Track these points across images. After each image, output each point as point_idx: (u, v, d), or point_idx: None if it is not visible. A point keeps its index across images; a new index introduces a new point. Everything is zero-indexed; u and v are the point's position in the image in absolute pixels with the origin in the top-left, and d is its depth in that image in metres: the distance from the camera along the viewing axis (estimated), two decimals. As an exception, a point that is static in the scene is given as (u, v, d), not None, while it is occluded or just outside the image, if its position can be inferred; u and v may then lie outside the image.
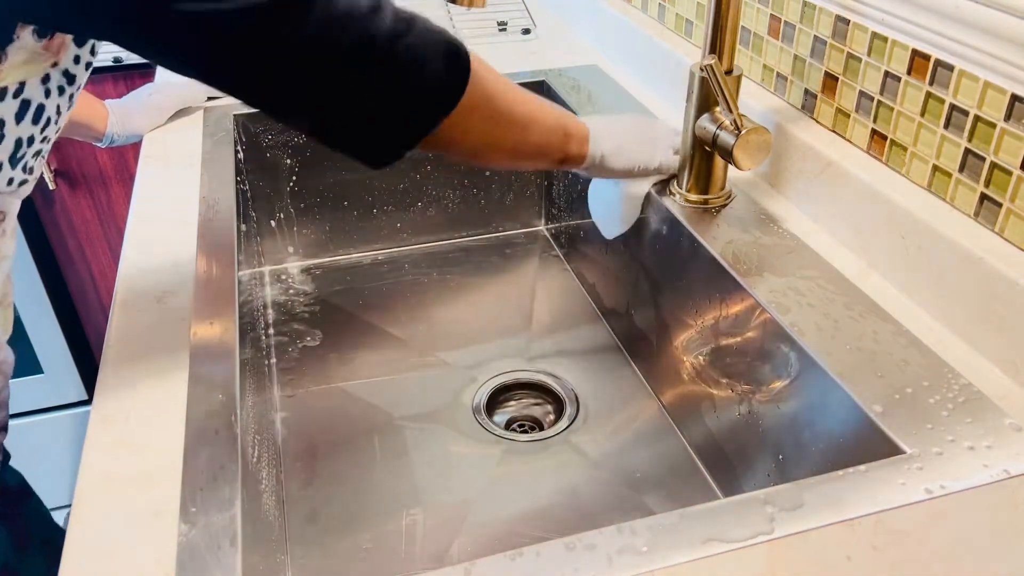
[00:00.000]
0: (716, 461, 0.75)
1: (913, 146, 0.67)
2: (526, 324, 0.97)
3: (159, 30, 0.48)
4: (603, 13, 1.16)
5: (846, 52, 0.72)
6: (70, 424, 1.67)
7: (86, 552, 0.47)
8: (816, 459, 0.61)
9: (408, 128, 0.58)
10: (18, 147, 0.56)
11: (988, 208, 0.61)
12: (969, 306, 0.60)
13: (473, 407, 0.85)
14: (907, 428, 0.53)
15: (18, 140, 0.56)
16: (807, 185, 0.76)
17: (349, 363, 0.91)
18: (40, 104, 0.56)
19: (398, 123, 0.57)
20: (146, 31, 0.48)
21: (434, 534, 0.72)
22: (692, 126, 0.75)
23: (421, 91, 0.57)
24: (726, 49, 0.71)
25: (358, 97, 0.54)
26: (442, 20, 1.29)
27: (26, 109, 0.55)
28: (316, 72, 0.52)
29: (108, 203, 1.52)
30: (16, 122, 0.55)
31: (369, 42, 0.52)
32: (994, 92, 0.58)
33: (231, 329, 0.64)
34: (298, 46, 0.50)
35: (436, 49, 0.56)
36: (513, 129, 0.66)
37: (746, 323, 0.67)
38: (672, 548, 0.45)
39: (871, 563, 0.44)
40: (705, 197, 0.78)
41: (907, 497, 0.48)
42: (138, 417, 0.56)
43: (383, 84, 0.54)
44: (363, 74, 0.53)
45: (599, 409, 0.85)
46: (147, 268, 0.72)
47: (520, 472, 0.78)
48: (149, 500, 0.50)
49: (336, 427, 0.83)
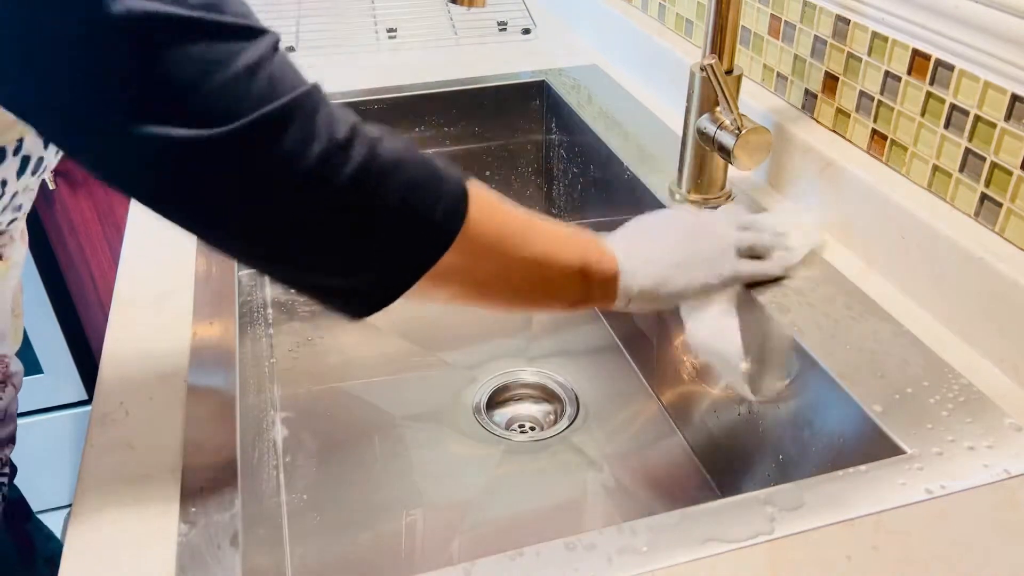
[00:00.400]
0: (716, 461, 0.75)
1: (913, 146, 0.67)
2: (526, 324, 0.97)
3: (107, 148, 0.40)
4: (603, 13, 1.16)
5: (846, 52, 0.72)
6: (70, 424, 1.67)
7: (86, 552, 0.47)
8: (816, 459, 0.61)
9: (388, 277, 0.48)
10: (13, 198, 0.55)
11: (988, 208, 0.61)
12: (969, 306, 0.60)
13: (473, 407, 0.85)
14: (907, 428, 0.53)
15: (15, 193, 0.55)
16: (807, 185, 0.76)
17: (349, 363, 0.91)
18: (40, 157, 0.54)
19: (376, 273, 0.48)
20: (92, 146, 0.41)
21: (434, 534, 0.72)
22: (692, 126, 0.75)
23: (402, 237, 0.47)
24: (726, 49, 0.71)
25: (326, 243, 0.45)
26: (442, 20, 1.29)
27: (26, 164, 0.53)
28: (274, 211, 0.43)
29: (108, 203, 1.52)
30: (17, 178, 0.53)
31: (332, 179, 0.43)
32: (994, 92, 0.58)
33: (231, 329, 0.64)
34: (255, 181, 0.41)
35: (421, 187, 0.47)
36: (512, 275, 0.55)
37: (746, 323, 0.67)
38: (672, 548, 0.45)
39: (871, 563, 0.44)
40: (705, 197, 0.78)
41: (907, 497, 0.48)
42: (138, 417, 0.56)
43: (355, 228, 0.45)
44: (331, 214, 0.44)
45: (599, 409, 0.85)
46: (147, 268, 0.72)
47: (520, 472, 0.78)
48: (149, 500, 0.50)
49: (336, 427, 0.83)
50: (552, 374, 0.89)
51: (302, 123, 0.41)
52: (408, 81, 1.06)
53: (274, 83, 0.41)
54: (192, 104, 0.38)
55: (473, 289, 0.54)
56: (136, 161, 0.40)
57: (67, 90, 0.38)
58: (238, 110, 0.39)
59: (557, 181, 1.09)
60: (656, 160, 0.86)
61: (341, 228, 0.45)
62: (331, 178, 0.43)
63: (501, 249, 0.53)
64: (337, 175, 0.43)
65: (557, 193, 1.09)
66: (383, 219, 0.45)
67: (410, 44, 1.22)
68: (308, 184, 0.42)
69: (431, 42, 1.22)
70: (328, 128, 0.42)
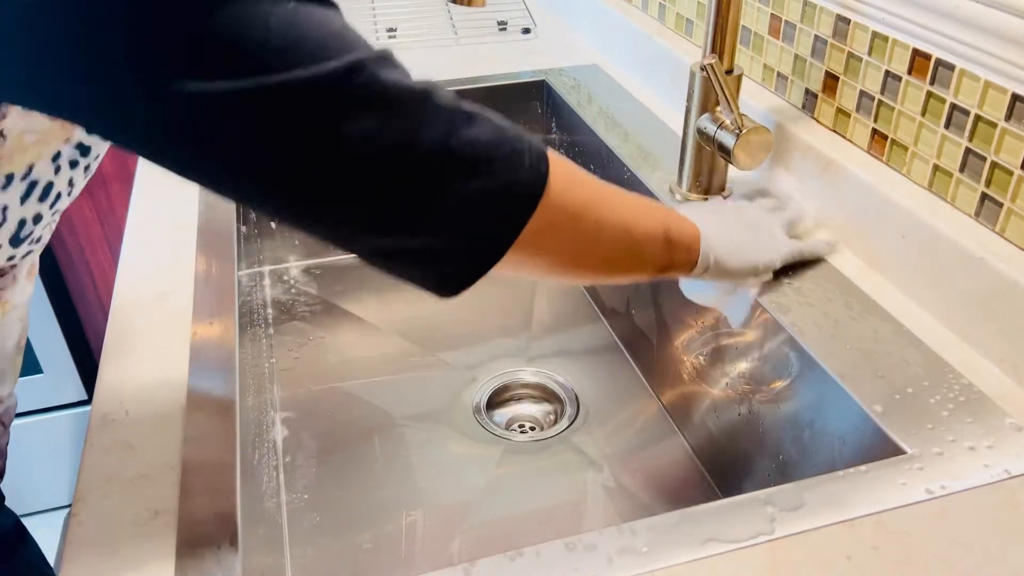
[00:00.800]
0: (716, 461, 0.75)
1: (914, 146, 0.67)
2: (526, 324, 0.97)
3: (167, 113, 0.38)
4: (603, 12, 1.16)
5: (847, 52, 0.72)
6: (70, 424, 1.67)
7: (86, 552, 0.47)
8: (816, 459, 0.61)
9: (480, 241, 0.45)
10: (21, 227, 0.51)
11: (989, 208, 0.61)
12: (969, 306, 0.60)
13: (473, 407, 0.85)
14: (908, 428, 0.53)
15: (22, 220, 0.50)
16: (808, 185, 0.76)
17: (349, 363, 0.91)
18: (49, 182, 0.50)
19: (464, 237, 0.45)
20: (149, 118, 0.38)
21: (434, 534, 0.72)
22: (692, 126, 0.75)
23: (489, 195, 0.44)
24: (727, 48, 0.71)
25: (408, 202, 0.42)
26: (442, 20, 1.29)
27: (32, 189, 0.49)
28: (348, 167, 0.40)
29: (108, 203, 1.52)
30: (20, 203, 0.49)
31: (413, 130, 0.41)
32: (995, 92, 0.58)
33: (231, 329, 0.64)
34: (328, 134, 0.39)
35: (505, 147, 0.44)
36: (602, 240, 0.54)
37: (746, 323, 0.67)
38: (672, 548, 0.45)
39: (872, 563, 0.44)
40: (706, 197, 0.78)
41: (908, 497, 0.48)
42: (138, 417, 0.56)
43: (438, 185, 0.43)
44: (413, 169, 0.42)
45: (599, 409, 0.85)
46: (147, 268, 0.72)
47: (520, 472, 0.78)
48: (149, 500, 0.50)
49: (336, 427, 0.83)
50: (552, 374, 0.89)
51: (394, 66, 0.40)
52: (408, 81, 1.06)
53: (343, 40, 0.39)
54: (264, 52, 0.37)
55: (567, 259, 0.52)
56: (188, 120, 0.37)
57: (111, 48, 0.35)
58: (322, 56, 0.38)
59: (557, 181, 1.09)
60: (656, 160, 0.86)
61: (425, 186, 0.42)
62: (432, 111, 0.41)
63: (589, 214, 0.51)
64: (437, 109, 0.41)
65: (557, 193, 1.09)
66: (468, 174, 0.43)
67: (410, 44, 1.22)
68: (410, 115, 0.41)
69: (431, 42, 1.22)
70: (401, 81, 0.41)
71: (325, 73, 0.38)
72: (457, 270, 0.46)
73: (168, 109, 0.37)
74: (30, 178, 0.49)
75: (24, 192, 0.49)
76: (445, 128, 0.42)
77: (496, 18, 1.28)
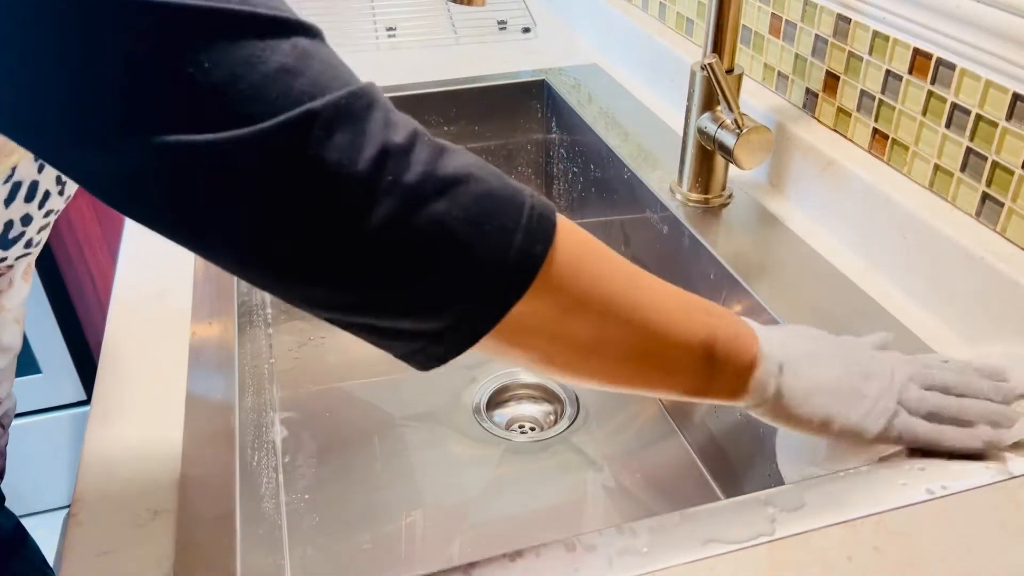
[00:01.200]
0: (716, 461, 0.75)
1: (914, 145, 0.66)
2: (526, 324, 0.97)
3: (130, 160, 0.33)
4: (603, 12, 1.15)
5: (847, 51, 0.72)
6: (69, 424, 1.67)
7: (86, 552, 0.47)
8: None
9: (459, 319, 0.39)
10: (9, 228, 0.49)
11: (990, 208, 0.60)
12: (970, 306, 0.60)
13: (473, 407, 0.85)
14: (908, 428, 0.52)
15: (9, 222, 0.49)
16: (808, 185, 0.76)
17: (349, 363, 0.91)
18: (34, 181, 0.48)
19: (440, 313, 0.39)
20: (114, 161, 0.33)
21: (434, 534, 0.72)
22: (693, 125, 0.75)
23: (472, 267, 0.37)
24: (727, 48, 0.71)
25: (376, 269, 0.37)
26: (442, 19, 1.29)
27: (17, 190, 0.48)
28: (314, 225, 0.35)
29: (107, 203, 1.51)
30: (5, 206, 0.48)
31: (386, 188, 0.35)
32: (996, 91, 0.58)
33: (230, 329, 0.64)
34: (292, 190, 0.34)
35: (496, 208, 0.38)
36: (610, 340, 0.43)
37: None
38: (672, 549, 0.45)
39: (872, 564, 0.44)
40: (706, 197, 0.78)
41: (908, 497, 0.48)
42: (137, 417, 0.56)
43: (412, 252, 0.36)
44: (384, 232, 0.36)
45: (599, 409, 0.85)
46: (147, 268, 0.72)
47: (520, 472, 0.78)
48: (148, 500, 0.50)
49: (336, 427, 0.82)
50: (552, 374, 0.89)
51: (351, 124, 0.34)
52: (407, 80, 1.06)
53: (316, 80, 0.34)
54: (221, 106, 0.32)
55: (562, 353, 0.43)
56: (154, 175, 0.33)
57: (72, 98, 0.32)
58: (274, 110, 0.33)
59: (557, 181, 1.09)
60: (656, 159, 0.86)
61: (395, 251, 0.36)
62: (385, 188, 0.35)
63: (599, 302, 0.42)
64: (392, 184, 0.35)
65: (557, 193, 1.09)
66: (447, 243, 0.36)
67: (409, 43, 1.22)
68: (356, 194, 0.34)
69: (431, 41, 1.22)
70: (383, 131, 0.35)
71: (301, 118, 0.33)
72: (428, 350, 0.41)
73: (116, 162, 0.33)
74: (13, 179, 0.48)
75: (7, 195, 0.48)
76: (398, 207, 0.35)
77: (496, 17, 1.28)
